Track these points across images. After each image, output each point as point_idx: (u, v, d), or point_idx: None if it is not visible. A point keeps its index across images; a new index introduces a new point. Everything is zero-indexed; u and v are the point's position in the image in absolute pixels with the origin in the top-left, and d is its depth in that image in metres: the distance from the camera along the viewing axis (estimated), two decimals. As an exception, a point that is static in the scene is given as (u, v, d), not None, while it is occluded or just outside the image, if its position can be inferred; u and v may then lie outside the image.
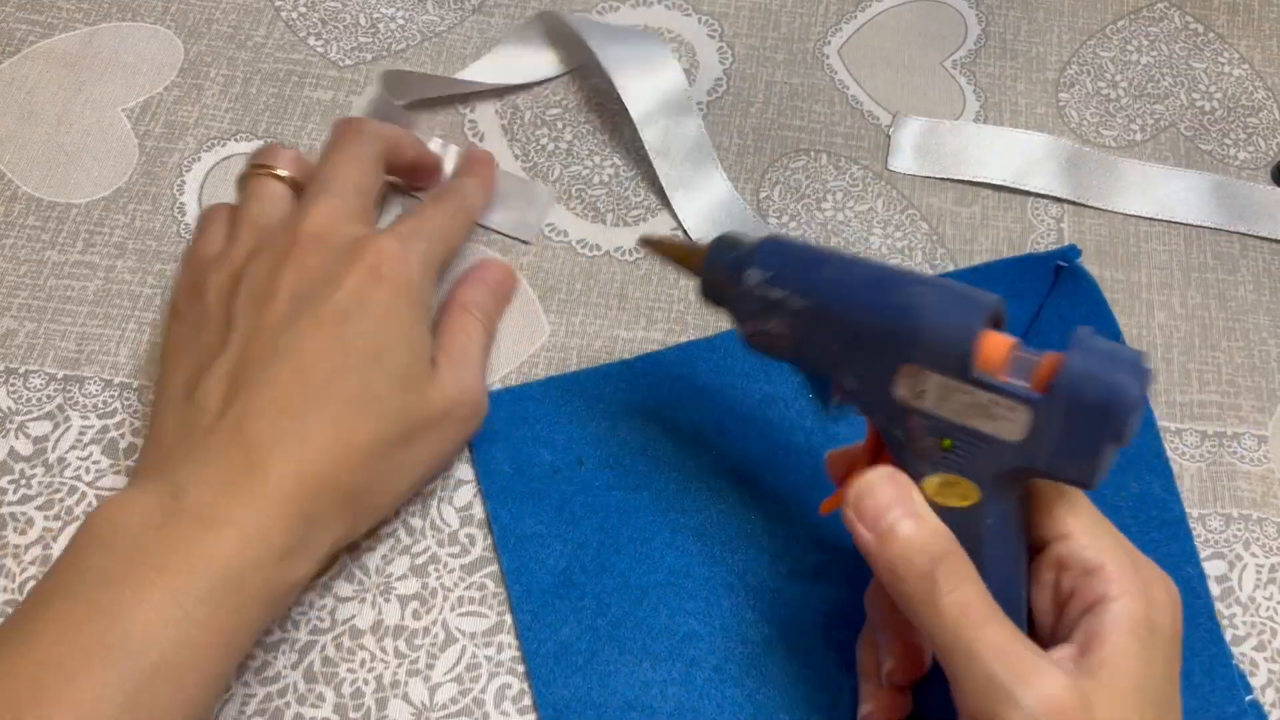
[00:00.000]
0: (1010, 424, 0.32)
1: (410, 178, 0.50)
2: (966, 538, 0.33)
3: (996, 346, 0.33)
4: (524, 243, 0.50)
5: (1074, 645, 0.33)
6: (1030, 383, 0.32)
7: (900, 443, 0.34)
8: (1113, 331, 0.47)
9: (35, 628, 0.33)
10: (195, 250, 0.44)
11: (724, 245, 0.38)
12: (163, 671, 0.33)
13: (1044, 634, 0.35)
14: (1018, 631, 0.32)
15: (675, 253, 0.40)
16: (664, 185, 0.51)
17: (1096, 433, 0.31)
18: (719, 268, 0.37)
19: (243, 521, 0.35)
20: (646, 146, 0.51)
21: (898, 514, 0.33)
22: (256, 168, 0.45)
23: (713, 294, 0.38)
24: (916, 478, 0.34)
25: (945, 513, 0.34)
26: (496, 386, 0.46)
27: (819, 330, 0.35)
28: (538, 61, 0.55)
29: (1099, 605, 0.33)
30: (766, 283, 0.36)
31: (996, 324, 0.34)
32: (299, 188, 0.45)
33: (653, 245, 0.41)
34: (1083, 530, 0.34)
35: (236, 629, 0.35)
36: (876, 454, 0.36)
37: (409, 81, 0.52)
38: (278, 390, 0.38)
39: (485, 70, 0.54)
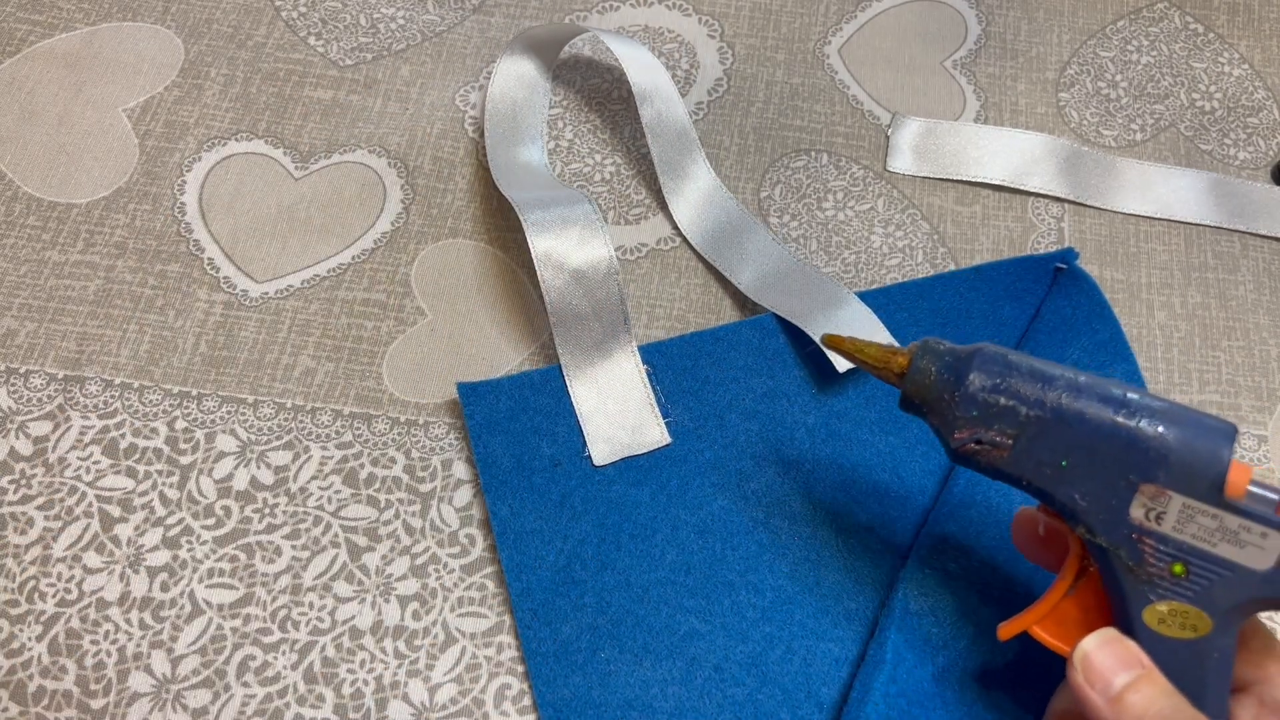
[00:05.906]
0: (1260, 551, 0.31)
1: None
2: (1189, 672, 0.32)
3: (1241, 474, 0.32)
4: None
5: None
6: (1274, 511, 0.32)
7: (1125, 566, 0.33)
8: (1114, 332, 0.47)
9: None
10: None
11: (934, 350, 0.36)
12: None
13: None
14: None
15: (868, 354, 0.37)
16: (655, 167, 0.51)
17: None
18: (929, 373, 0.35)
19: None
20: (643, 124, 0.51)
21: (1127, 678, 0.32)
22: None
23: (917, 398, 0.36)
24: (1138, 605, 0.33)
25: (1168, 645, 0.33)
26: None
27: (1045, 443, 0.34)
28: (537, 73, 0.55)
29: None
30: (992, 390, 0.34)
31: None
32: None
33: (840, 346, 0.38)
34: None
35: None
36: (1078, 576, 0.35)
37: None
38: None
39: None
